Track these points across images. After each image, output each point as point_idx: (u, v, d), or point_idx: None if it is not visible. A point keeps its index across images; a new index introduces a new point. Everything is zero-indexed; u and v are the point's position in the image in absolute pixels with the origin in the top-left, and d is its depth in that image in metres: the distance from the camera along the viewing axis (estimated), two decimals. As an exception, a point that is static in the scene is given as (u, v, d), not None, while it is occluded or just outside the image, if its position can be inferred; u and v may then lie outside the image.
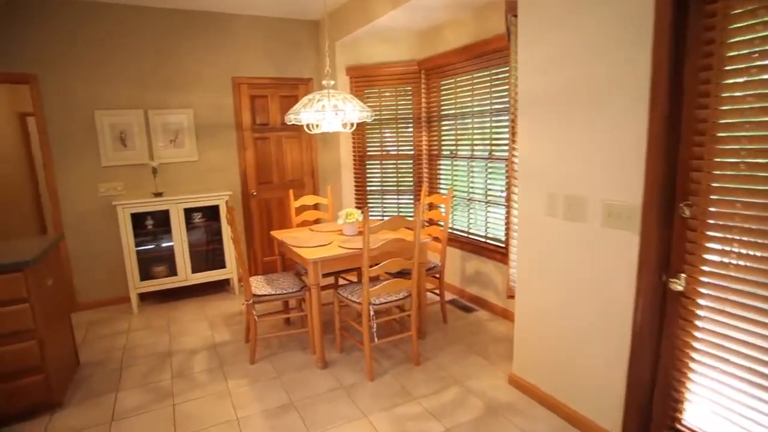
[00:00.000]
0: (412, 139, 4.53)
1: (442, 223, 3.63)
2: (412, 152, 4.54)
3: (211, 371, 3.03)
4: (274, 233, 3.60)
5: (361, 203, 4.82)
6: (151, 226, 4.22)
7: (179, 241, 4.19)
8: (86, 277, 4.21)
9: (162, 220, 4.19)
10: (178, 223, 4.16)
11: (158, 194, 4.17)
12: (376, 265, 2.73)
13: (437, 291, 3.65)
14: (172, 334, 3.64)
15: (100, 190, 4.14)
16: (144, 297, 4.45)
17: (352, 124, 3.28)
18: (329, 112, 3.02)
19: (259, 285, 3.19)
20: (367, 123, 4.61)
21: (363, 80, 4.55)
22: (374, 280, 3.32)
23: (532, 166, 2.30)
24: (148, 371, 3.08)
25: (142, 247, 4.22)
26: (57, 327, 2.85)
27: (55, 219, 4.05)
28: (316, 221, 4.52)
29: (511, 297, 3.10)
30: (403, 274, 3.32)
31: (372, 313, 2.79)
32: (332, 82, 3.09)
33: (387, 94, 4.54)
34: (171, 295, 4.49)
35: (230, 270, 4.45)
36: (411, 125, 4.50)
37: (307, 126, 3.25)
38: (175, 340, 3.53)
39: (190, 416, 2.55)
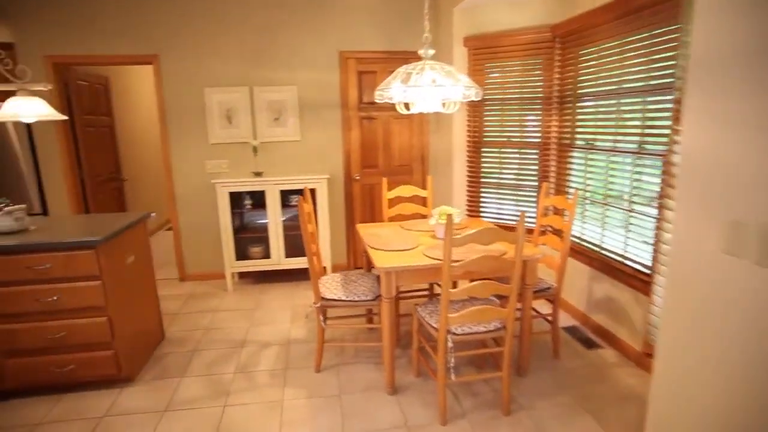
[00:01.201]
0: (540, 123, 3.71)
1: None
2: (539, 140, 3.72)
3: (273, 373, 2.78)
4: (360, 227, 3.20)
5: (474, 199, 4.16)
6: (249, 206, 4.17)
7: (274, 224, 4.06)
8: (193, 250, 4.35)
9: (260, 200, 4.11)
10: (273, 205, 4.02)
11: (258, 174, 4.08)
12: (474, 281, 2.14)
13: (551, 317, 2.89)
14: (253, 321, 3.51)
15: (207, 167, 4.20)
16: (242, 275, 4.47)
17: (454, 104, 2.67)
18: (424, 88, 2.46)
19: (332, 286, 2.82)
20: (487, 103, 3.92)
21: (484, 52, 3.84)
22: (476, 299, 2.73)
23: (701, 170, 1.46)
24: (216, 359, 2.95)
25: (240, 227, 4.20)
26: (137, 303, 2.85)
27: (169, 194, 4.22)
28: (422, 217, 3.97)
29: (649, 355, 2.23)
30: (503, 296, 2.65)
31: (450, 344, 2.21)
32: (431, 52, 2.51)
33: (512, 68, 3.77)
34: (267, 277, 4.44)
35: (325, 257, 4.21)
36: (539, 107, 3.68)
37: (401, 105, 2.74)
38: (254, 328, 3.39)
39: (234, 425, 2.30)
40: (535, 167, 3.78)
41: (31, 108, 2.47)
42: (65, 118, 2.64)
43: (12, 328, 2.47)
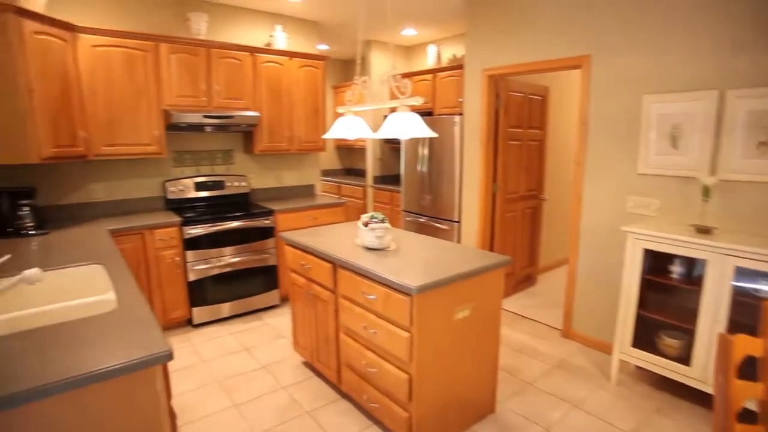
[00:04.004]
0: None
1: None
2: None
3: None
4: None
5: None
6: (677, 275, 2.71)
7: (709, 316, 2.46)
8: (585, 304, 3.36)
9: (696, 271, 2.59)
10: (717, 286, 2.41)
11: (704, 231, 2.55)
12: None
13: None
14: (617, 457, 2.25)
15: (628, 205, 3.03)
16: (640, 367, 3.07)
17: None
18: None
19: None
20: None
21: None
22: None
23: None
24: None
25: (651, 300, 2.82)
26: (461, 367, 2.30)
27: (573, 225, 3.38)
28: None
29: None
30: None
31: None
32: None
33: None
34: (675, 388, 2.85)
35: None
36: None
37: None
38: (611, 472, 2.15)
39: None
40: None
41: (406, 124, 2.28)
42: (435, 135, 2.32)
43: (348, 341, 2.47)
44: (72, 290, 2.20)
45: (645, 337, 2.79)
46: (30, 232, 2.91)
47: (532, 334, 3.57)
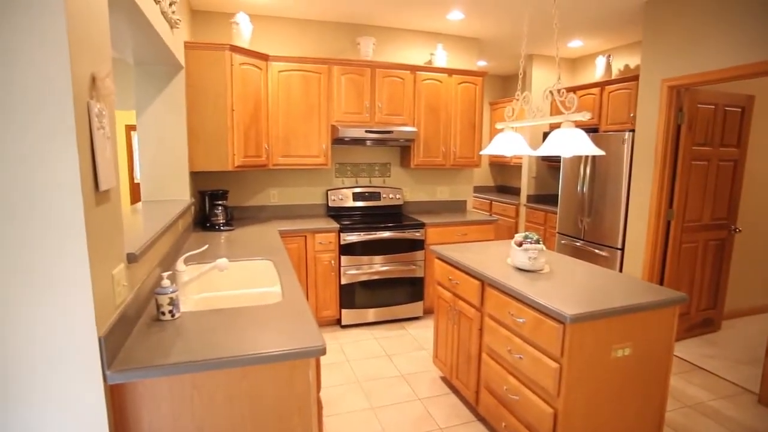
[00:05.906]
0: None
1: None
2: None
3: None
4: None
5: None
6: None
7: None
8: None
9: None
10: None
11: None
12: None
13: None
14: None
15: None
16: None
17: None
18: None
19: None
20: None
21: None
22: None
23: None
24: None
25: None
26: (614, 414, 2.03)
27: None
28: None
29: None
30: None
31: None
32: None
33: None
34: None
35: None
36: None
37: None
38: None
39: None
40: None
41: (570, 141, 2.13)
42: (602, 153, 2.11)
43: (490, 363, 2.38)
44: (247, 280, 2.55)
45: None
46: (221, 228, 3.47)
47: (711, 391, 2.98)
